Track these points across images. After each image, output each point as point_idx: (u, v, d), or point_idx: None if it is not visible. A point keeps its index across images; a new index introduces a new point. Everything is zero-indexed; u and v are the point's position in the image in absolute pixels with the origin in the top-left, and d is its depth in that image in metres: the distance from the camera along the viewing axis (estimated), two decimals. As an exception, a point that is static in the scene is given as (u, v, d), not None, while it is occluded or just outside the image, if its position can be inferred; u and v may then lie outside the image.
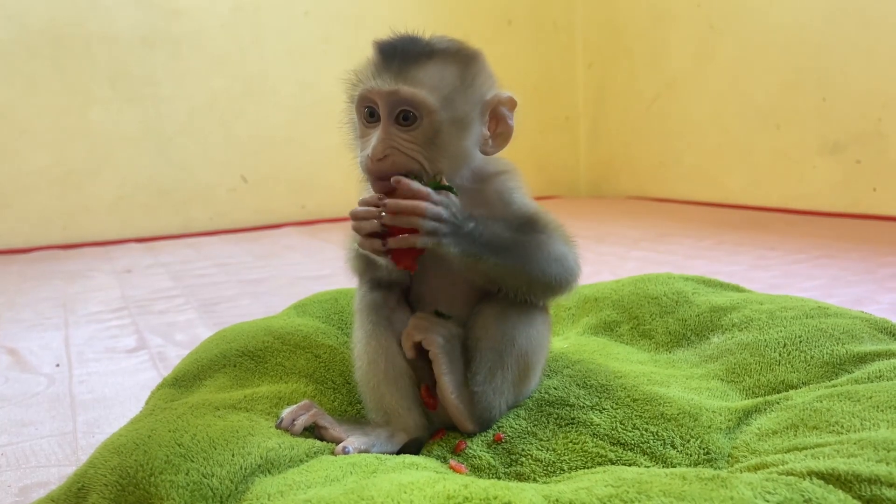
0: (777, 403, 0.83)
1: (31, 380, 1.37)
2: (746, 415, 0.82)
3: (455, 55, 0.78)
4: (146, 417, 0.82)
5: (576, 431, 0.78)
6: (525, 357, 0.80)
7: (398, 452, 0.78)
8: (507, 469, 0.75)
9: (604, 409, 0.81)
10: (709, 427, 0.79)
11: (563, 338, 1.16)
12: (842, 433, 0.72)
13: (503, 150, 0.83)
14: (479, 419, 0.79)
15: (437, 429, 0.82)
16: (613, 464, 0.74)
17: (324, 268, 2.39)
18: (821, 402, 0.79)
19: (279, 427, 0.79)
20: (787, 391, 0.87)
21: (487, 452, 0.77)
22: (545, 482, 0.71)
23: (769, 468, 0.66)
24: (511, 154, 0.85)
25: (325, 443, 0.77)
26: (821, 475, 0.61)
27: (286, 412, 0.80)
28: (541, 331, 0.83)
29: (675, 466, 0.74)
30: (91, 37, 3.18)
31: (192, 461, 0.69)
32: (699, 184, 3.56)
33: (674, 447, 0.77)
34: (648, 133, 3.81)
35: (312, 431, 0.80)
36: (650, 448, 0.76)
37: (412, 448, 0.80)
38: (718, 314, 1.08)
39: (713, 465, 0.75)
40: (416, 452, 0.79)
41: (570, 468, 0.74)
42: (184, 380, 0.95)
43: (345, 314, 1.12)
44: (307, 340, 0.99)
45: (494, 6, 3.96)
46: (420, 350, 0.80)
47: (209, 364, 0.96)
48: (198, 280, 2.30)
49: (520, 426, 0.79)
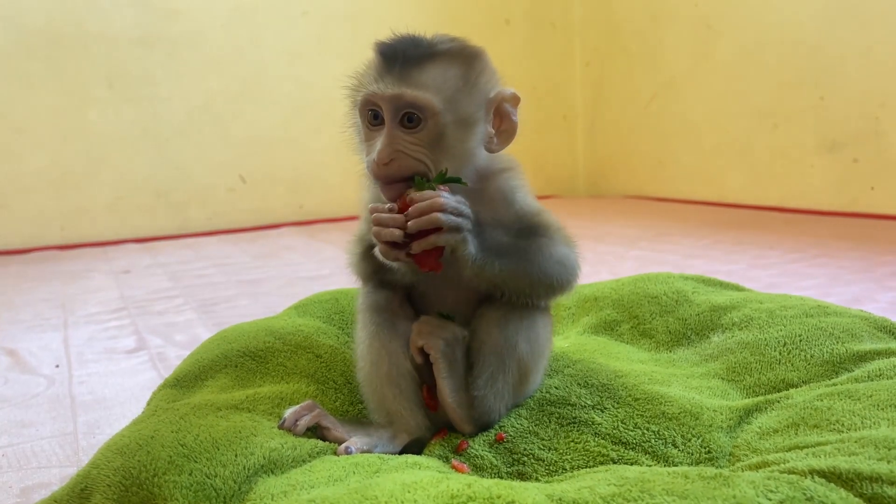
0: (778, 402, 0.83)
1: (31, 381, 1.37)
2: (747, 413, 0.83)
3: (458, 55, 0.78)
4: (148, 418, 0.82)
5: (577, 431, 0.78)
6: (526, 361, 0.80)
7: (400, 453, 0.78)
8: (510, 468, 0.75)
9: (605, 409, 0.81)
10: (710, 426, 0.79)
11: (564, 337, 1.16)
12: (842, 432, 0.72)
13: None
14: (479, 422, 0.80)
15: (440, 429, 0.82)
16: (615, 463, 0.75)
17: (322, 268, 2.39)
18: (821, 401, 0.79)
19: (282, 427, 0.79)
20: (788, 390, 0.88)
21: (489, 452, 0.77)
22: (547, 481, 0.71)
23: (771, 467, 0.66)
24: (509, 153, 0.86)
25: (328, 443, 0.77)
26: (822, 473, 0.61)
27: (289, 413, 0.80)
28: (542, 334, 0.83)
29: (677, 465, 0.75)
30: (88, 37, 3.17)
31: (196, 461, 0.69)
32: (697, 183, 3.57)
33: (675, 446, 0.77)
34: (646, 132, 3.82)
35: (315, 432, 0.80)
36: (652, 447, 0.77)
37: (414, 448, 0.80)
38: (718, 313, 1.08)
39: (714, 464, 0.75)
40: (418, 452, 0.79)
41: (572, 467, 0.75)
42: (185, 380, 0.95)
43: (345, 314, 1.12)
44: (308, 340, 1.00)
45: (492, 5, 3.97)
46: (425, 353, 0.80)
47: (210, 364, 0.96)
48: (196, 280, 2.30)
49: (521, 426, 0.80)
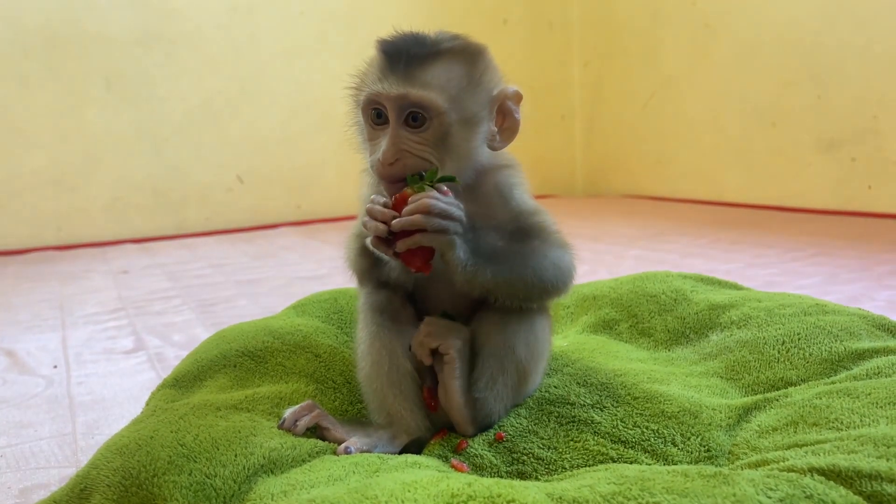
0: (776, 400, 0.84)
1: (30, 381, 1.37)
2: (746, 412, 0.83)
3: (461, 53, 0.78)
4: (148, 418, 0.82)
5: (577, 430, 0.78)
6: (525, 364, 0.80)
7: (399, 453, 0.78)
8: (509, 468, 0.75)
9: (604, 408, 0.81)
10: (709, 424, 0.79)
11: (563, 336, 1.16)
12: (841, 430, 0.73)
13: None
14: (480, 424, 0.80)
15: (439, 429, 0.82)
16: (615, 462, 0.75)
17: (320, 268, 2.39)
18: (820, 399, 0.80)
19: (281, 428, 0.79)
20: (787, 388, 0.88)
21: (489, 451, 0.77)
22: (547, 480, 0.71)
23: (770, 465, 0.66)
24: (508, 152, 0.85)
25: (328, 443, 0.77)
26: (822, 471, 0.61)
27: (288, 413, 0.80)
28: (541, 336, 0.83)
29: (677, 464, 0.75)
30: (86, 37, 3.17)
31: (195, 461, 0.69)
32: (695, 182, 3.57)
33: (674, 445, 0.77)
34: (644, 132, 3.82)
35: (314, 432, 0.80)
36: (651, 446, 0.77)
37: (413, 448, 0.80)
38: (717, 312, 1.08)
39: (714, 463, 0.75)
40: (418, 452, 0.79)
41: (572, 466, 0.75)
42: (184, 380, 0.95)
43: (344, 313, 1.12)
44: (307, 340, 1.00)
45: (490, 5, 3.97)
46: (433, 354, 0.80)
47: (209, 365, 0.96)
48: (195, 281, 2.29)
49: (521, 425, 0.80)
